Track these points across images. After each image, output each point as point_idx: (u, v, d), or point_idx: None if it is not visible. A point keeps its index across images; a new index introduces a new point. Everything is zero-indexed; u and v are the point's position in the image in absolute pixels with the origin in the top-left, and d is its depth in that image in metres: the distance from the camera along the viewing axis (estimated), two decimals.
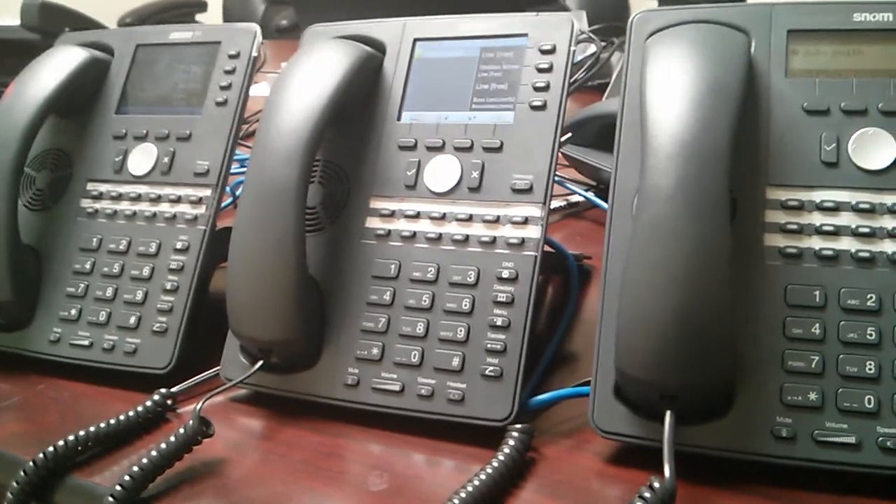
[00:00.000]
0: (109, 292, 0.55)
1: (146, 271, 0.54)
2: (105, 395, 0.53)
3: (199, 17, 2.38)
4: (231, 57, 0.58)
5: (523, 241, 0.46)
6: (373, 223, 0.50)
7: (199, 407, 0.44)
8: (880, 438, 0.38)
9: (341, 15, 0.73)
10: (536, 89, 0.49)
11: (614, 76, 0.93)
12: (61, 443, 0.45)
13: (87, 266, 0.56)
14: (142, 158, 0.58)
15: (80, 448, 0.45)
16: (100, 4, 1.35)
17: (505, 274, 0.46)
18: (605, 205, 0.66)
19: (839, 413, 0.39)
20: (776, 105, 0.44)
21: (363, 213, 0.51)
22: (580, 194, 0.69)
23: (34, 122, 0.56)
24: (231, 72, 0.58)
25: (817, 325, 0.40)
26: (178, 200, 0.56)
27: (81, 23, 1.22)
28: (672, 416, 0.39)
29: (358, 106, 0.52)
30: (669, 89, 0.42)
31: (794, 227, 0.42)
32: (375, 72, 0.53)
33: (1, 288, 0.55)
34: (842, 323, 0.40)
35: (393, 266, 0.49)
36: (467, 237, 0.48)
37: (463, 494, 0.39)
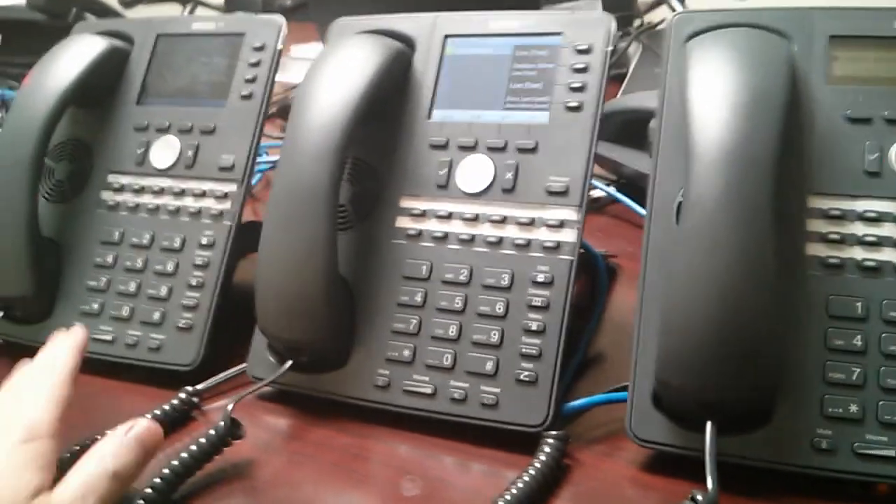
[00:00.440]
0: (133, 287, 0.54)
1: (170, 266, 0.54)
2: (128, 391, 0.52)
3: None
4: (256, 49, 0.57)
5: (559, 244, 0.46)
6: (403, 223, 0.50)
7: (230, 408, 0.44)
8: None
9: None
10: (572, 90, 0.48)
11: (632, 67, 0.92)
12: (88, 442, 0.45)
13: (110, 259, 0.55)
14: (165, 151, 0.57)
15: None
16: None
17: (540, 278, 0.45)
18: (627, 201, 0.66)
19: (880, 426, 0.39)
20: (818, 112, 0.44)
21: (393, 212, 0.50)
22: (603, 189, 0.68)
23: (54, 113, 0.55)
24: (256, 65, 0.57)
25: (859, 336, 0.40)
26: (202, 195, 0.55)
27: (88, 3, 1.20)
28: (713, 426, 0.39)
29: (388, 103, 0.52)
30: (715, 95, 0.41)
31: (836, 237, 0.42)
32: (406, 68, 0.52)
33: (21, 281, 0.54)
34: (884, 335, 0.40)
35: (424, 267, 0.48)
36: (501, 239, 0.47)
37: (502, 503, 0.38)
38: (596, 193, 0.73)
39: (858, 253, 0.41)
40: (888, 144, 0.42)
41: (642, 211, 0.62)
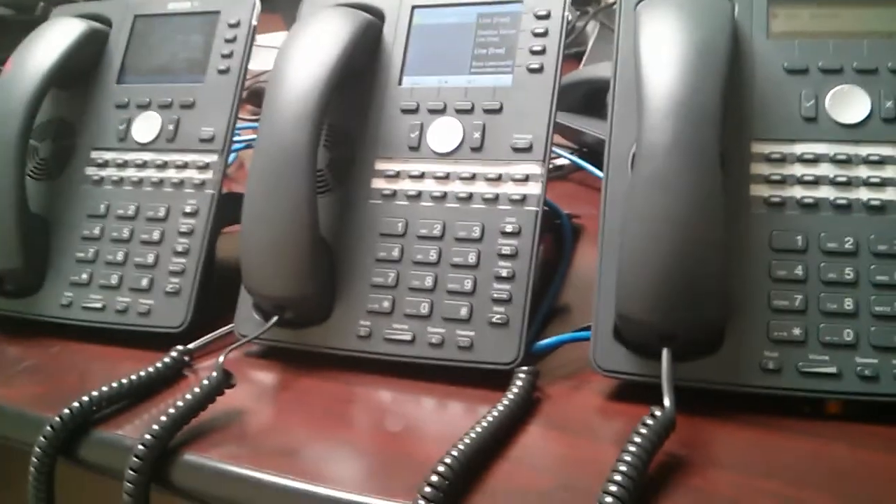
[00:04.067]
0: (120, 256, 0.56)
1: (156, 235, 0.56)
2: (119, 355, 0.54)
3: None
4: (231, 26, 0.60)
5: (525, 197, 0.49)
6: (378, 184, 0.53)
7: (222, 359, 0.46)
8: (858, 368, 0.42)
9: None
10: (533, 53, 0.52)
11: (590, 44, 0.96)
12: (86, 398, 0.47)
13: (97, 231, 0.58)
14: (146, 126, 0.59)
15: (103, 403, 0.47)
16: None
17: (508, 228, 0.49)
18: (590, 167, 0.70)
19: (821, 346, 0.42)
20: (759, 65, 0.48)
21: (369, 174, 0.53)
22: (567, 157, 0.72)
23: (37, 95, 0.58)
24: (232, 40, 0.59)
25: (800, 266, 0.44)
26: (184, 166, 0.57)
27: None
28: (669, 352, 0.42)
29: (360, 72, 0.55)
30: (663, 54, 0.45)
31: (778, 177, 0.46)
32: (376, 38, 0.55)
33: (10, 255, 0.56)
34: (822, 264, 0.44)
35: (400, 224, 0.51)
36: (471, 195, 0.50)
37: (478, 429, 0.41)
38: (560, 161, 0.77)
39: (798, 191, 0.45)
40: (823, 92, 0.46)
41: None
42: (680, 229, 0.42)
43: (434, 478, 0.37)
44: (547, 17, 0.52)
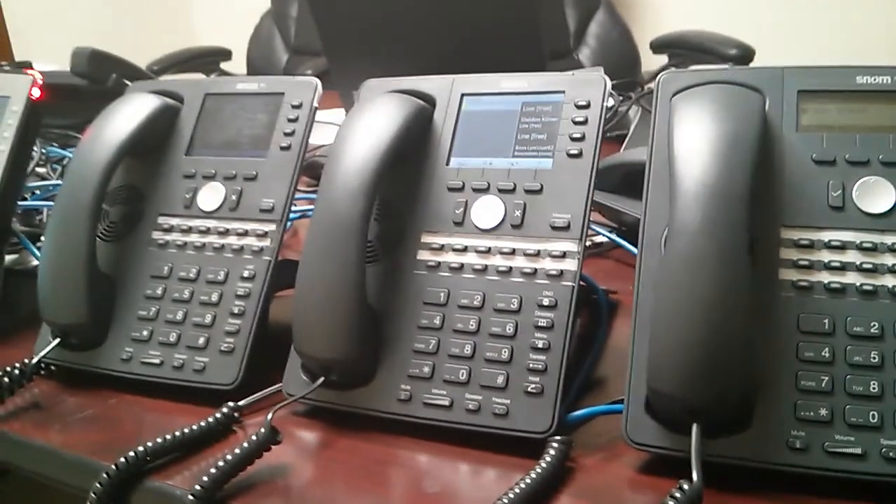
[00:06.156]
0: (180, 315, 0.60)
1: (215, 297, 0.60)
2: (173, 409, 0.57)
3: (223, 65, 2.46)
4: (294, 107, 0.64)
5: (562, 272, 0.52)
6: (424, 256, 0.56)
7: (270, 416, 0.49)
8: (884, 449, 0.43)
9: (372, 63, 0.79)
10: (573, 139, 0.55)
11: (632, 128, 1.00)
12: (140, 448, 0.50)
13: (159, 291, 0.61)
14: (211, 195, 0.64)
15: (157, 453, 0.50)
16: (126, 53, 1.41)
17: (545, 301, 0.51)
18: (627, 245, 0.72)
19: (847, 427, 0.44)
20: (789, 156, 0.50)
21: (415, 246, 0.56)
22: (605, 235, 0.74)
23: (112, 164, 0.62)
24: (294, 120, 0.64)
25: (827, 349, 0.45)
26: (245, 234, 0.61)
27: (126, 69, 1.29)
28: (699, 427, 0.44)
29: (412, 152, 0.58)
30: (695, 141, 0.48)
31: (806, 263, 0.48)
32: (427, 122, 0.59)
33: (77, 310, 0.60)
34: (848, 347, 0.45)
35: (442, 294, 0.54)
36: (510, 269, 0.53)
37: (511, 495, 0.43)
38: (599, 239, 0.79)
39: (825, 276, 0.47)
40: (850, 182, 0.49)
41: None
42: (707, 308, 0.44)
43: None
44: (587, 106, 0.55)
